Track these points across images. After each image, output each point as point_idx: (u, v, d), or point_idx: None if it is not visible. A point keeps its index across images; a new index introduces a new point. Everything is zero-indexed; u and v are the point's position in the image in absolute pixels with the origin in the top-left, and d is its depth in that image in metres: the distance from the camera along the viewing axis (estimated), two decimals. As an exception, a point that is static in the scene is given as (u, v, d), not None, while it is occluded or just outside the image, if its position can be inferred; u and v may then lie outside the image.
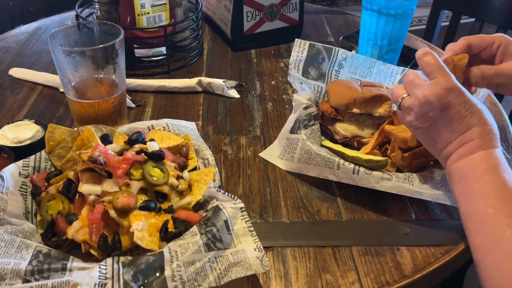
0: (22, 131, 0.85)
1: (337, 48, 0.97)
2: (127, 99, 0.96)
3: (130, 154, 0.69)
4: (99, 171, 0.68)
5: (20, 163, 0.73)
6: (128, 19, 1.08)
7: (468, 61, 0.73)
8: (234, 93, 1.06)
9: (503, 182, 0.60)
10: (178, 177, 0.72)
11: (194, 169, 0.80)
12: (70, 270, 0.59)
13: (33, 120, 0.88)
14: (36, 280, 0.57)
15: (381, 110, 0.83)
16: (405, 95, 0.69)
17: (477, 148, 0.63)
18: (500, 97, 1.06)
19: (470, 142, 0.64)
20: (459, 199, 0.64)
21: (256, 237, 0.62)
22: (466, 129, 0.64)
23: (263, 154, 0.88)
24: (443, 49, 0.82)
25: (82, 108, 0.84)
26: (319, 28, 1.39)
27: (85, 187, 0.67)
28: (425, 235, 0.72)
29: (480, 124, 0.64)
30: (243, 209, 0.64)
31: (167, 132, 0.83)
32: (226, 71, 1.16)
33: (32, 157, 0.75)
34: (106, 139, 0.77)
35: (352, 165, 0.74)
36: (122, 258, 0.61)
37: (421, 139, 0.71)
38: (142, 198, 0.68)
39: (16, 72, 1.11)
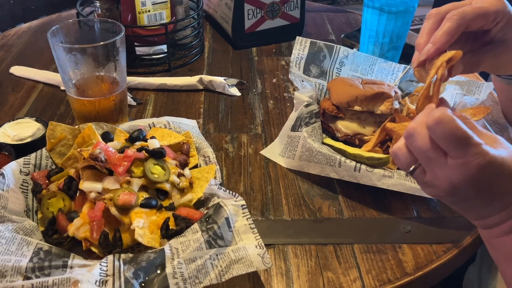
0: (23, 129, 0.85)
1: (339, 46, 0.97)
2: (128, 97, 0.96)
3: (131, 151, 0.69)
4: (100, 168, 0.68)
5: (21, 160, 0.73)
6: (129, 17, 1.08)
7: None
8: (235, 91, 1.06)
9: None
10: (179, 175, 0.72)
11: (195, 166, 0.80)
12: (71, 267, 0.59)
13: (34, 118, 0.88)
14: (37, 277, 0.57)
15: (382, 108, 0.82)
16: (415, 166, 0.53)
17: None
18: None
19: None
20: (509, 283, 0.54)
21: (257, 234, 0.62)
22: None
23: (264, 152, 0.88)
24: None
25: (83, 106, 0.83)
26: (320, 26, 1.39)
27: (86, 185, 0.67)
28: (427, 233, 0.72)
29: None
30: (244, 206, 0.64)
31: (168, 130, 0.83)
32: (227, 69, 1.16)
33: (33, 154, 0.75)
34: (107, 137, 0.76)
35: (353, 163, 0.74)
36: (123, 256, 0.61)
37: (450, 205, 0.56)
38: (143, 195, 0.68)
39: (17, 70, 1.11)
